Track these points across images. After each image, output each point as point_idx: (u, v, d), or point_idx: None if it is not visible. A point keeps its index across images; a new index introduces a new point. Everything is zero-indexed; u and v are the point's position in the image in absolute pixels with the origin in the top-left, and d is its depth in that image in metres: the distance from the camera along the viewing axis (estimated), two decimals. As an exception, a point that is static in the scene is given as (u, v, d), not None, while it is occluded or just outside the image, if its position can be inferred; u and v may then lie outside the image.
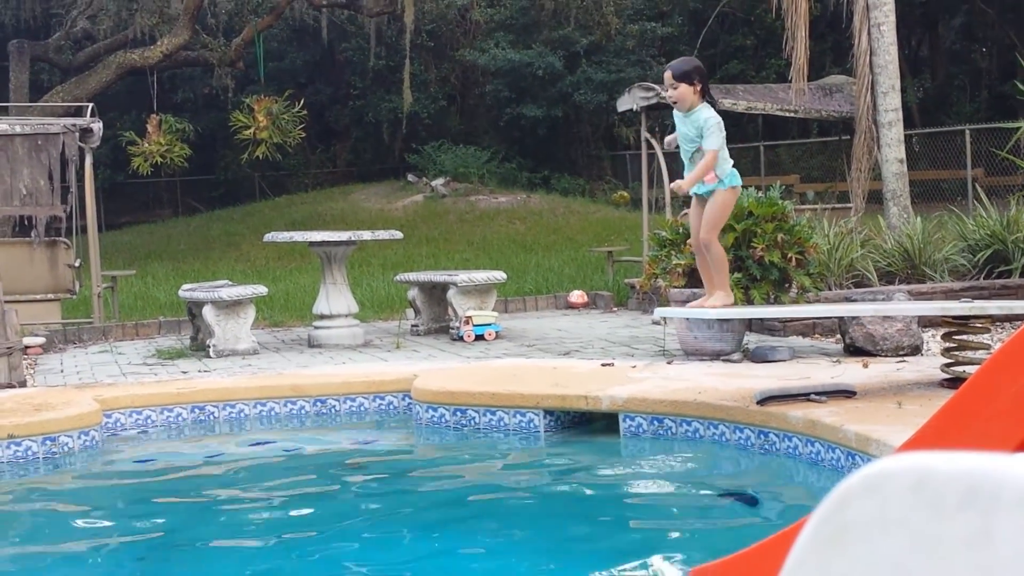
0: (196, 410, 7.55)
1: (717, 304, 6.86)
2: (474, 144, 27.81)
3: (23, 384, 8.66)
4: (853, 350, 8.33)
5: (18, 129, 12.59)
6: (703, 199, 6.91)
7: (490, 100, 29.77)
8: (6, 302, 8.95)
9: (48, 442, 6.64)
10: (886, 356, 8.08)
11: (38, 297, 12.21)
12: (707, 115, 6.68)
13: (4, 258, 12.07)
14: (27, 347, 10.34)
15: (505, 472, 6.25)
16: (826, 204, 14.97)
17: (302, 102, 22.50)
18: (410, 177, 26.43)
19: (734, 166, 6.98)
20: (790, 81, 13.46)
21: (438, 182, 25.48)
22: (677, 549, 4.72)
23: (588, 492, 5.72)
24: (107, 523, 5.45)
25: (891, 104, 12.47)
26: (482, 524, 5.21)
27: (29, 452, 6.58)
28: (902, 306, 7.51)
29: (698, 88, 6.65)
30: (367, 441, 7.07)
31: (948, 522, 0.73)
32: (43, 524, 5.41)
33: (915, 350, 8.24)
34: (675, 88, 6.67)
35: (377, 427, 7.44)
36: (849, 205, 13.17)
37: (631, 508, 5.45)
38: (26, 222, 12.64)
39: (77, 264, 12.49)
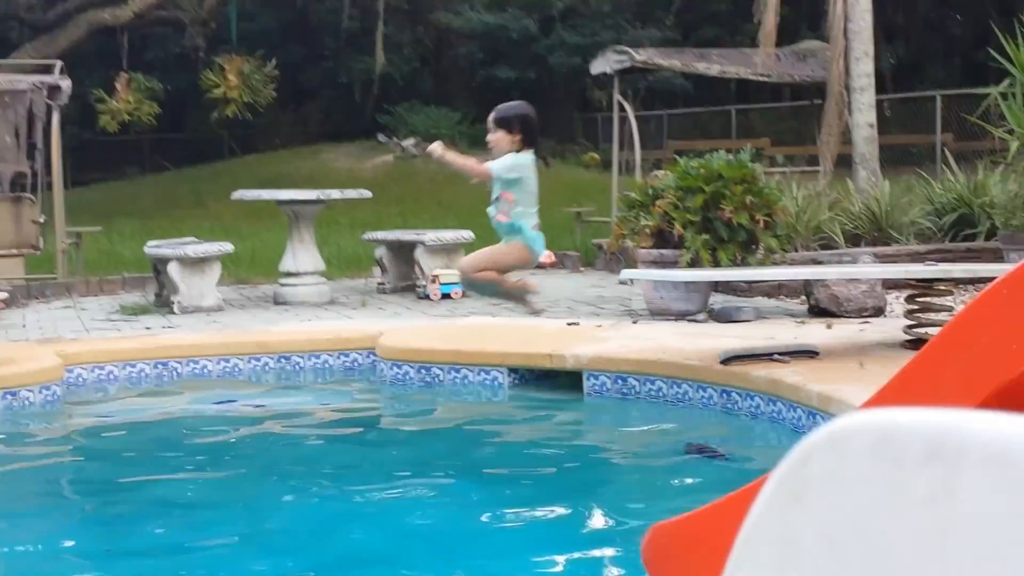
0: (159, 366, 7.49)
1: (536, 304, 6.35)
2: (446, 105, 27.68)
3: (-15, 339, 8.58)
4: (818, 311, 8.36)
5: (-16, 84, 12.45)
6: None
7: (464, 62, 29.62)
8: (-32, 256, 8.87)
9: (8, 396, 6.58)
10: (850, 317, 8.11)
11: (2, 252, 12.10)
12: (513, 155, 5.96)
13: (-33, 213, 11.95)
14: (-10, 302, 10.25)
15: (467, 428, 6.25)
16: (796, 168, 14.99)
17: (274, 62, 22.37)
18: (380, 137, 26.30)
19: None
20: (760, 46, 13.44)
21: (408, 142, 25.36)
22: (638, 504, 4.73)
23: (551, 449, 5.72)
24: (65, 478, 5.42)
25: (864, 70, 12.48)
26: (442, 478, 5.20)
27: (-11, 405, 6.52)
28: (867, 269, 7.54)
29: (517, 138, 5.93)
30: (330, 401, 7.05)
31: (911, 479, 0.72)
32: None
33: (879, 312, 8.27)
34: (492, 133, 6.03)
35: (341, 384, 7.41)
36: (818, 168, 13.19)
37: (593, 464, 5.46)
38: (-9, 177, 12.52)
39: (42, 220, 12.38)
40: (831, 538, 0.75)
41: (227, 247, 10.63)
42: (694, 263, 8.45)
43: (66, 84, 12.52)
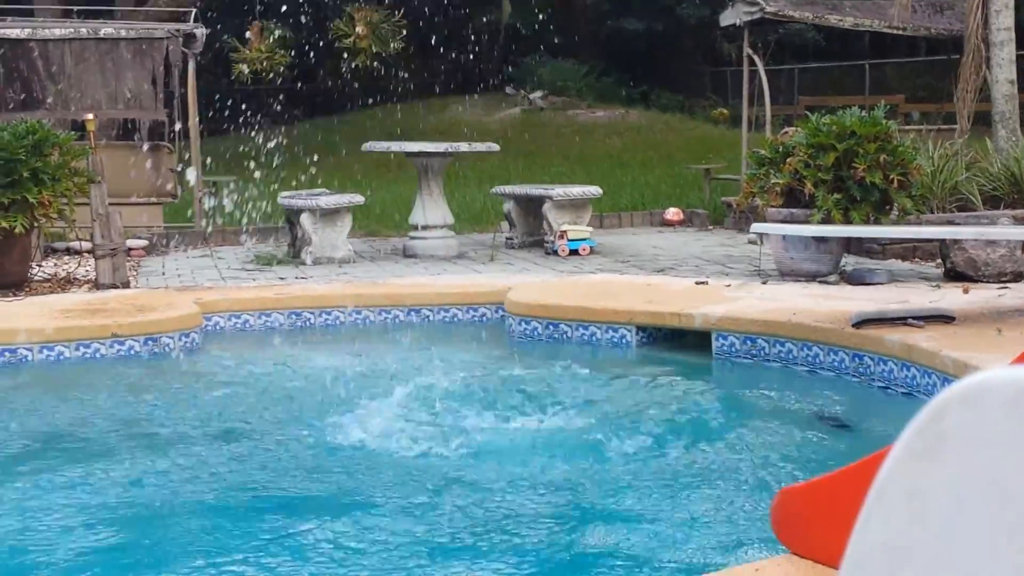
0: (292, 316, 7.66)
1: None
2: (573, 58, 27.53)
3: (126, 285, 8.86)
4: (954, 275, 8.19)
5: (123, 34, 12.75)
6: None
7: (591, 13, 29.40)
8: (110, 204, 9.13)
9: (150, 342, 6.80)
10: (988, 282, 7.93)
11: (141, 200, 12.43)
12: None
13: (108, 161, 12.25)
14: (130, 249, 10.57)
15: (595, 386, 6.27)
16: (932, 125, 14.63)
17: (402, 12, 22.46)
18: (508, 90, 26.29)
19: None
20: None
21: (536, 95, 25.32)
22: (766, 468, 4.72)
23: (678, 410, 5.72)
24: (201, 422, 5.57)
25: (1004, 23, 12.09)
26: (565, 433, 5.23)
27: (132, 351, 6.75)
28: (1007, 231, 7.36)
29: None
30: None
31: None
32: (142, 419, 5.55)
33: (1018, 276, 8.07)
34: None
35: (470, 338, 7.48)
36: (955, 126, 12.85)
37: (720, 426, 5.44)
38: (129, 125, 12.85)
39: (179, 169, 12.68)
40: (963, 495, 0.75)
41: (358, 199, 10.78)
42: (825, 223, 8.33)
43: (201, 32, 12.75)
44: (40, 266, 10.00)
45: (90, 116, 9.68)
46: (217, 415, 5.64)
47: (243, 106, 28.70)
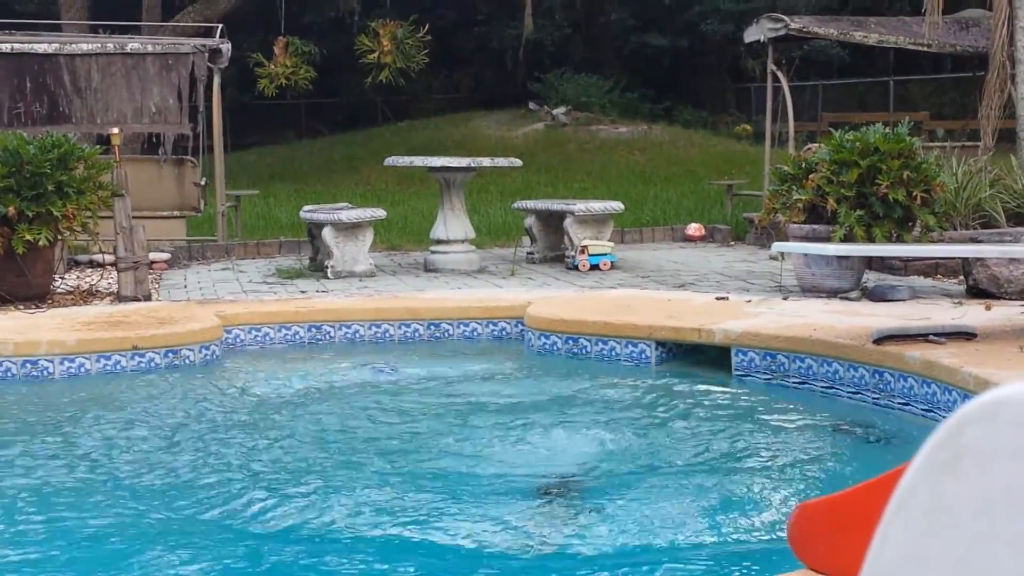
0: (313, 329, 7.68)
1: None
2: (597, 73, 27.56)
3: (148, 298, 8.90)
4: (976, 292, 8.15)
5: (149, 48, 12.83)
6: None
7: (615, 29, 29.45)
8: (134, 217, 9.18)
9: (170, 354, 6.83)
10: (1010, 299, 7.89)
11: (164, 214, 12.49)
12: None
13: (133, 174, 12.29)
14: (153, 262, 10.62)
15: (615, 399, 6.26)
16: (956, 142, 14.57)
17: (427, 27, 22.51)
18: (531, 105, 26.33)
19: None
20: (924, 14, 13.06)
21: (559, 111, 25.36)
22: (785, 483, 4.71)
23: (698, 425, 5.70)
24: (219, 435, 5.58)
25: (1029, 40, 12.03)
26: (585, 444, 5.22)
27: (152, 363, 6.78)
28: (1030, 249, 7.32)
29: None
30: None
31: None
32: (163, 430, 5.57)
33: (1041, 294, 8.03)
34: None
35: (490, 352, 7.49)
36: (979, 143, 12.80)
37: (739, 441, 5.42)
38: (154, 139, 12.92)
39: (203, 183, 12.74)
40: (982, 509, 0.75)
41: (380, 213, 10.81)
42: (847, 239, 8.30)
43: (226, 47, 12.82)
44: (63, 278, 10.06)
45: (115, 130, 9.74)
46: (231, 425, 5.66)
47: (267, 121, 28.81)
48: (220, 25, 13.68)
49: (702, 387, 6.43)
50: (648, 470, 4.88)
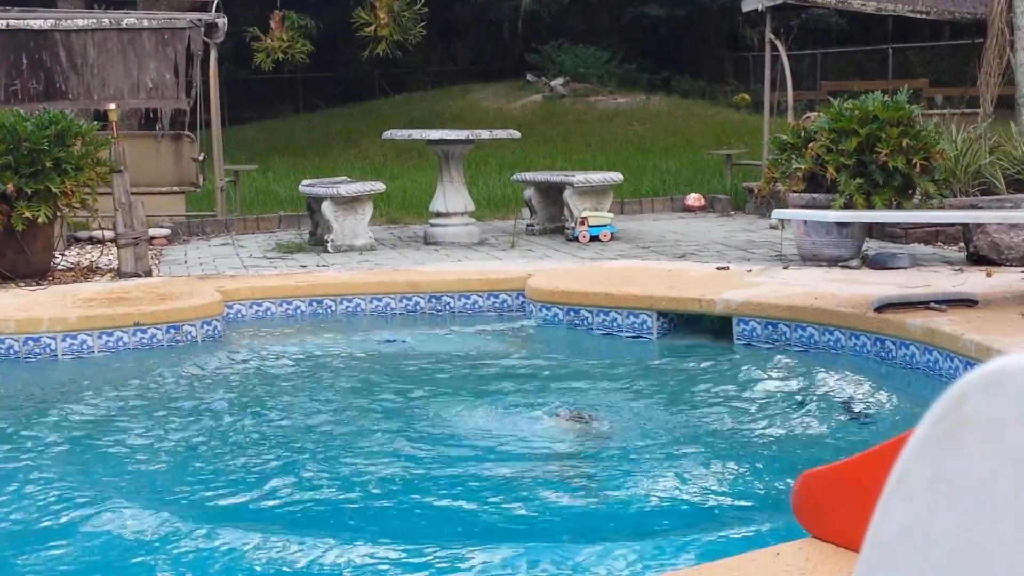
0: (314, 303, 7.69)
1: None
2: (595, 44, 27.47)
3: (149, 274, 8.90)
4: (977, 259, 8.15)
5: (145, 23, 12.78)
6: None
7: (612, 0, 29.33)
8: (132, 193, 9.17)
9: (172, 330, 6.84)
10: (1011, 266, 7.89)
11: (163, 189, 12.48)
12: None
13: (131, 150, 12.29)
14: (153, 238, 10.62)
15: (616, 370, 6.27)
16: (955, 109, 14.54)
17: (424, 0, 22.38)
18: (529, 77, 26.25)
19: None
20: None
21: (557, 82, 25.28)
22: (787, 453, 4.72)
23: (699, 395, 5.72)
24: (223, 408, 5.59)
25: (1028, 5, 11.99)
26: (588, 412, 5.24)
27: (154, 339, 6.78)
28: (1030, 215, 7.31)
29: None
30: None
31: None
32: (163, 405, 5.58)
33: (1042, 260, 8.03)
34: None
35: (491, 324, 7.49)
36: (978, 110, 12.77)
37: (741, 411, 5.44)
38: (152, 115, 12.89)
39: (201, 158, 12.72)
40: (985, 479, 0.75)
41: (379, 186, 10.80)
42: (847, 208, 8.29)
43: (222, 21, 12.77)
44: (63, 255, 10.06)
45: (112, 106, 9.70)
46: (234, 401, 5.67)
47: (264, 95, 28.69)
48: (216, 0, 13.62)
49: (704, 357, 6.44)
50: (649, 440, 4.89)
